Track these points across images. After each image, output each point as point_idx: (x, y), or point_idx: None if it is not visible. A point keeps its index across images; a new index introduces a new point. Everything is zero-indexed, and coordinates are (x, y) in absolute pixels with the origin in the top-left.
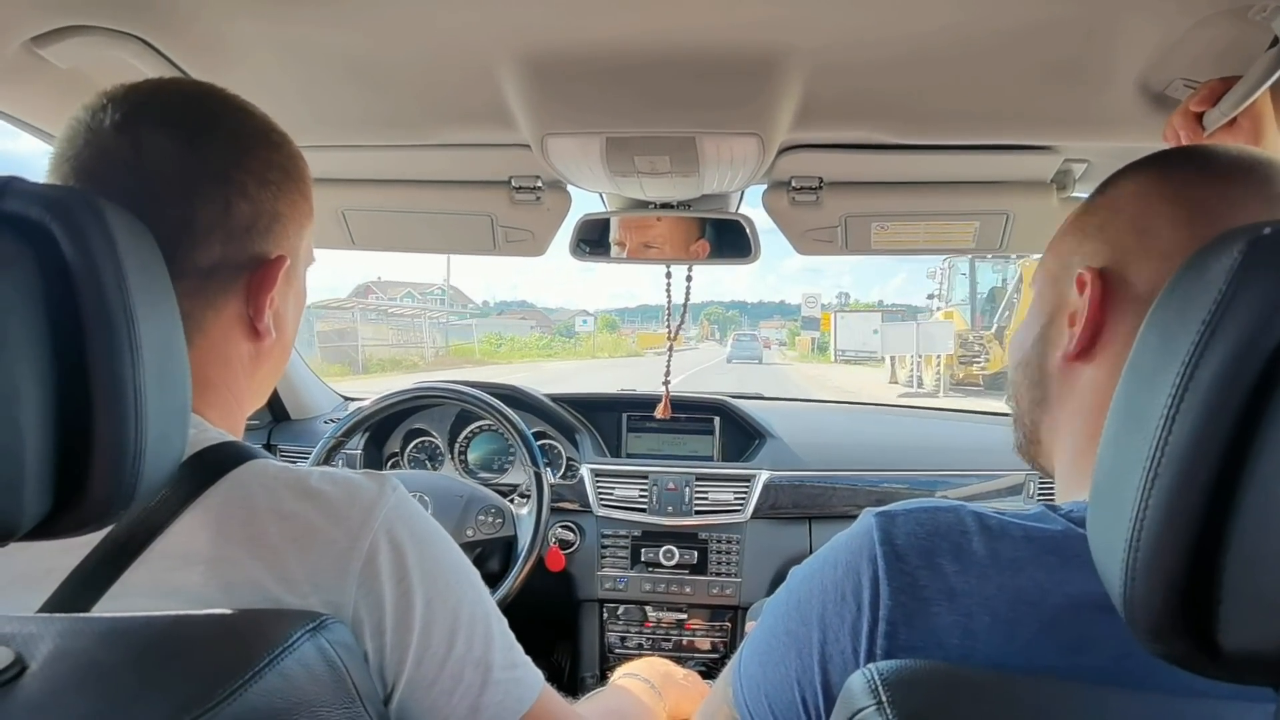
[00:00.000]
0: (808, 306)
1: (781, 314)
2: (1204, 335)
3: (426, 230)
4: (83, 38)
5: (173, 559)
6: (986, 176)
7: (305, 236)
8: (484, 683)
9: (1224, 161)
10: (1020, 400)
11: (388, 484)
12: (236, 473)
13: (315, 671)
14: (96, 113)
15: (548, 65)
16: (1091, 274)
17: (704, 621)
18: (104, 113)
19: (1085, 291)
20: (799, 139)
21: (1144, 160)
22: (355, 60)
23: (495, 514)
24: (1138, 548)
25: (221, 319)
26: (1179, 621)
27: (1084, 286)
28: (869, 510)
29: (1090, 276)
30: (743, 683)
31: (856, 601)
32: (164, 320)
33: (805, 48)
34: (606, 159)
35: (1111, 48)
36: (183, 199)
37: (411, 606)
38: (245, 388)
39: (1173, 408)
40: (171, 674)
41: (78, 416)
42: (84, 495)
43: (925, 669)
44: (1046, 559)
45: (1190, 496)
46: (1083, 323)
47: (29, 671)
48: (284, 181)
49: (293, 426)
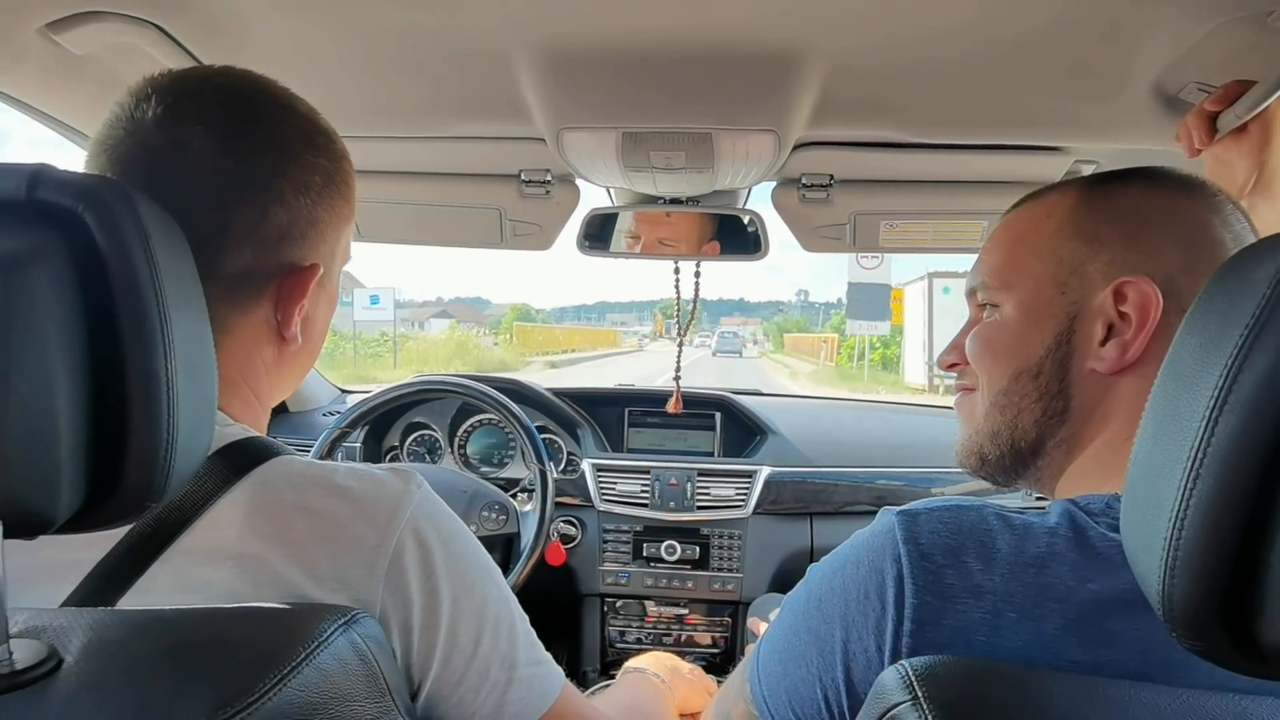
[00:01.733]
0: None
1: (741, 311)
2: (1247, 339)
3: (434, 223)
4: (98, 23)
5: (199, 554)
6: (996, 176)
7: (343, 238)
8: (509, 680)
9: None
10: (1021, 412)
11: (413, 481)
12: (263, 468)
13: (349, 666)
14: (141, 103)
15: (566, 58)
16: (1150, 286)
17: (705, 617)
18: (147, 104)
19: (1140, 302)
20: (813, 136)
21: (1152, 173)
22: (369, 50)
23: (499, 510)
24: (1178, 546)
25: (249, 323)
26: (1216, 617)
27: (1124, 297)
28: (888, 509)
29: (1150, 289)
30: (761, 680)
31: (880, 600)
32: (193, 313)
33: (825, 45)
34: (622, 154)
35: (1129, 50)
36: (219, 204)
37: (439, 604)
38: (267, 388)
39: (1215, 409)
40: (209, 668)
41: (111, 409)
42: (118, 487)
43: (959, 664)
44: (1070, 555)
45: (1233, 496)
46: (1143, 334)
47: (65, 665)
48: (325, 186)
49: (291, 419)
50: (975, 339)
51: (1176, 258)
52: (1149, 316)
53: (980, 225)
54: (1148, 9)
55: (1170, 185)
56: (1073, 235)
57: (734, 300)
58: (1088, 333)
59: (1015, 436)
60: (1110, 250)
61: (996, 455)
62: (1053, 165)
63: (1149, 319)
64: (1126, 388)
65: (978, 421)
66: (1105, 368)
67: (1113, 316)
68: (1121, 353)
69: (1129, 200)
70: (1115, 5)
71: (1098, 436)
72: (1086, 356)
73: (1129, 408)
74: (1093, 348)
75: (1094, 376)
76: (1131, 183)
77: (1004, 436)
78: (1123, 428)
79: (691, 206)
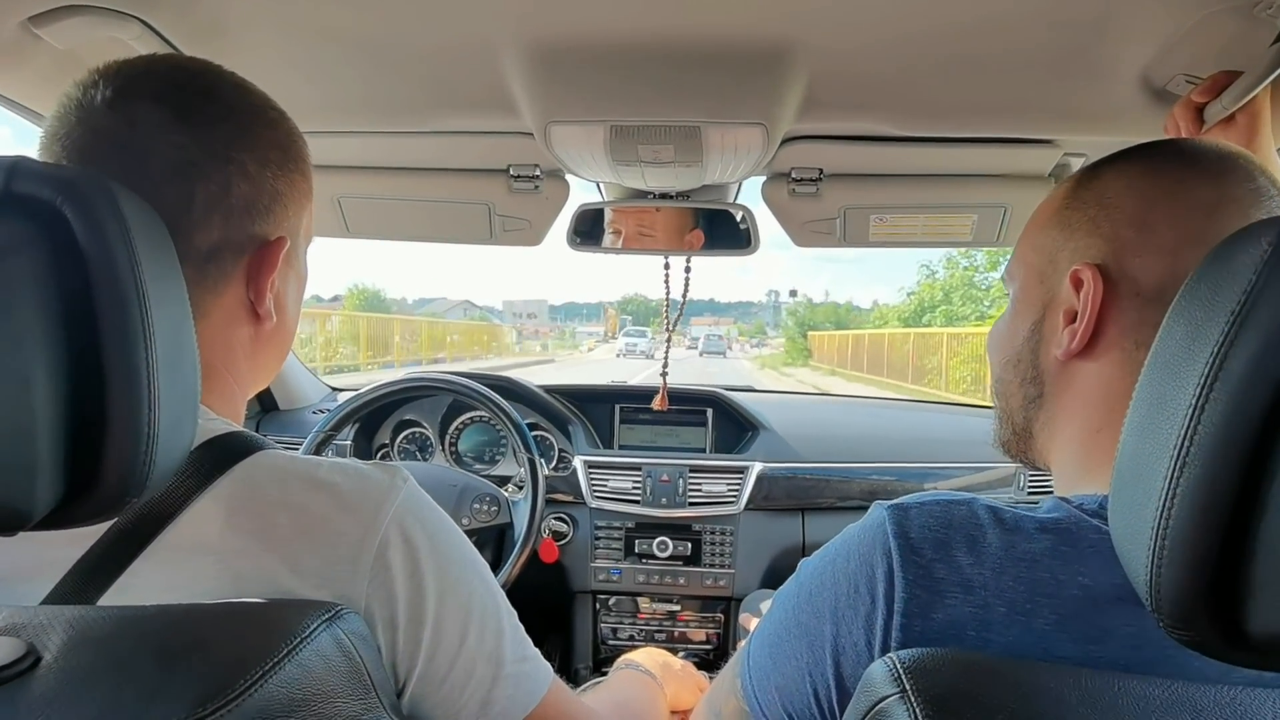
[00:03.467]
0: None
1: (713, 311)
2: (1233, 326)
3: (423, 218)
4: (81, 18)
5: (182, 550)
6: (986, 169)
7: (305, 216)
8: (495, 676)
9: (1211, 157)
10: (1010, 398)
11: (399, 475)
12: (246, 463)
13: (332, 662)
14: (88, 89)
15: (554, 51)
16: (1091, 271)
17: (697, 613)
18: (95, 89)
19: (1084, 288)
20: (802, 130)
21: (1127, 153)
22: (357, 43)
23: (491, 502)
24: (1165, 535)
25: (223, 303)
26: (1205, 608)
27: (1080, 284)
28: (879, 503)
29: (1090, 274)
30: (752, 674)
31: (870, 594)
32: (175, 305)
33: (813, 38)
34: (610, 147)
35: (1116, 42)
36: (180, 177)
37: (424, 600)
38: (246, 373)
39: (1202, 397)
40: (190, 665)
41: (90, 403)
42: (97, 483)
43: (946, 656)
44: (1061, 550)
45: (1219, 485)
46: (1086, 320)
47: (44, 663)
48: (283, 160)
49: (281, 417)
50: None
51: (1130, 237)
52: (1090, 303)
53: (970, 219)
54: (1135, 2)
55: (1147, 160)
56: (1054, 225)
57: (704, 301)
58: (1054, 321)
59: (1013, 420)
60: (1076, 238)
61: (1006, 437)
62: (1042, 158)
63: (1090, 305)
64: (1085, 372)
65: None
66: (1063, 354)
67: (1073, 303)
68: (1071, 339)
69: (1100, 183)
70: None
71: (1072, 423)
72: (1051, 344)
73: (1092, 393)
74: (1056, 335)
75: (1058, 363)
76: (1111, 165)
77: (1005, 420)
78: (1093, 417)
79: (681, 201)
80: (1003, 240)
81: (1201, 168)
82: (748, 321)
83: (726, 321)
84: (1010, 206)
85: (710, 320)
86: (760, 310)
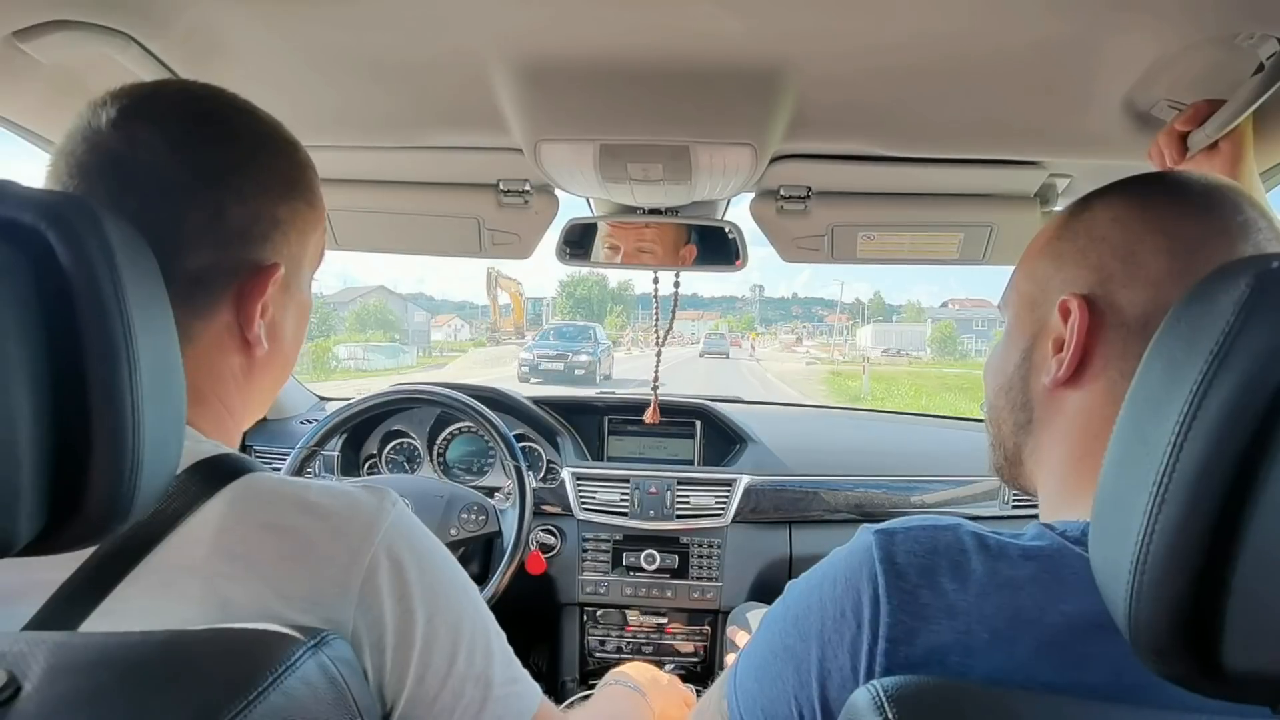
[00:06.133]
0: None
1: (696, 306)
2: (1212, 365)
3: (412, 232)
4: (67, 33)
5: (168, 573)
6: (972, 189)
7: (310, 244)
8: (484, 699)
9: (1198, 190)
10: (1002, 425)
11: (387, 499)
12: (234, 486)
13: (318, 690)
14: (97, 109)
15: (544, 70)
16: (1077, 301)
17: (684, 625)
18: (103, 109)
19: (1070, 318)
20: (790, 149)
21: (1116, 186)
22: (347, 59)
23: (478, 511)
24: (1144, 570)
25: (211, 328)
26: (1182, 642)
27: (1068, 313)
28: (866, 527)
29: (1076, 304)
30: (738, 696)
31: (856, 619)
32: (161, 331)
33: (802, 61)
34: (599, 165)
35: (1100, 67)
36: (171, 201)
37: (413, 624)
38: (238, 401)
39: (1180, 434)
40: (174, 694)
41: (73, 429)
42: (80, 509)
43: (929, 684)
44: (1044, 578)
45: (1197, 521)
46: (1071, 349)
47: (24, 693)
48: (288, 188)
49: (268, 427)
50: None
51: (1116, 269)
52: (1076, 333)
53: (956, 237)
54: (1118, 29)
55: (1135, 193)
56: (1046, 255)
57: (687, 296)
58: (1043, 350)
59: (1004, 446)
60: (1066, 268)
61: (998, 463)
62: (1027, 179)
63: (1076, 335)
64: (1071, 401)
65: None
66: (1051, 383)
67: (1061, 332)
68: (1058, 367)
69: (1090, 215)
70: (1085, 25)
71: (1057, 450)
72: (1040, 372)
73: (1077, 421)
74: (1045, 363)
75: (1046, 391)
76: (1100, 198)
77: (997, 446)
78: (1077, 445)
79: (671, 217)
80: (988, 259)
81: (1189, 201)
82: (736, 317)
83: (712, 316)
84: (996, 225)
85: (694, 314)
86: (745, 305)
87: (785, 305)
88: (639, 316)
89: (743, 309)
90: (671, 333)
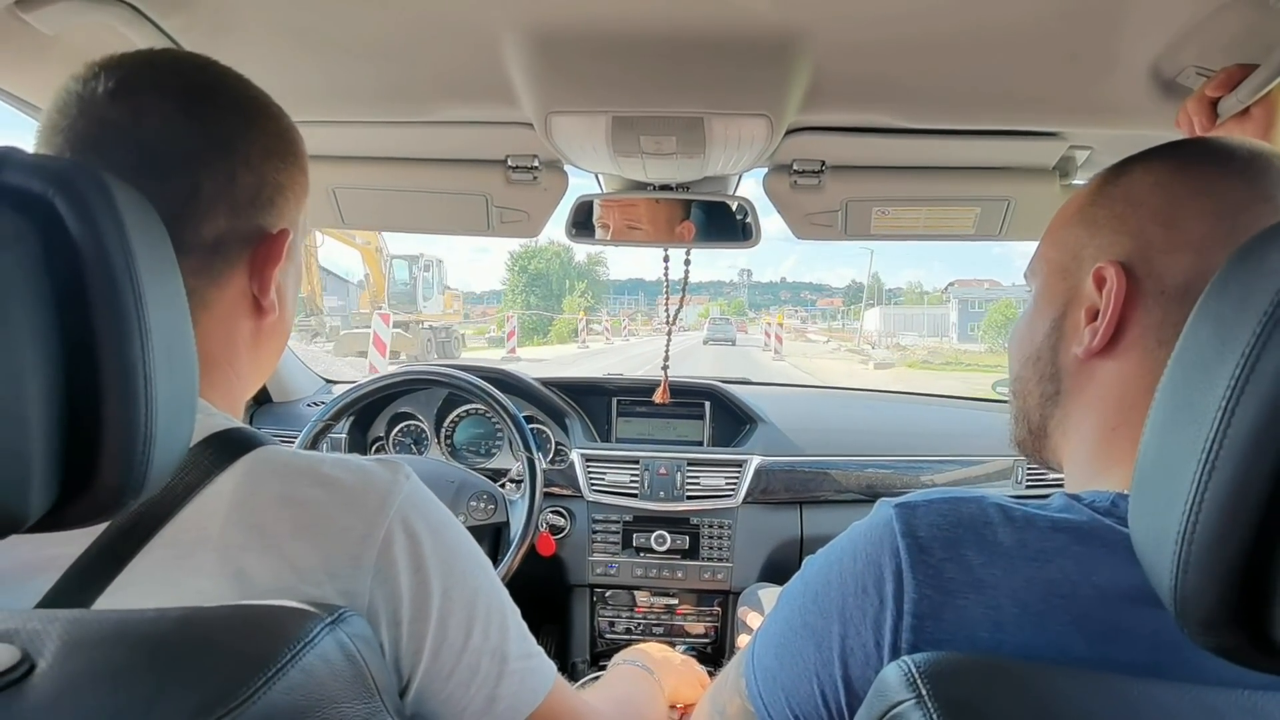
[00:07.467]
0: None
1: (686, 291)
2: (1266, 325)
3: (419, 209)
4: (70, 1)
5: (181, 548)
6: (989, 162)
7: (303, 211)
8: (500, 673)
9: (1242, 154)
10: (1027, 396)
11: (401, 471)
12: (247, 459)
13: (336, 666)
14: (88, 81)
15: (556, 40)
16: (1115, 268)
17: (695, 606)
18: (96, 81)
19: (1106, 286)
20: (805, 121)
21: (1155, 151)
22: (353, 31)
23: (488, 500)
24: (1191, 540)
25: (226, 295)
26: (1232, 614)
27: (1104, 281)
28: (885, 500)
29: (1113, 271)
30: (757, 674)
31: (879, 594)
32: (171, 300)
33: (819, 29)
34: (612, 138)
35: (1126, 34)
36: (186, 168)
37: (429, 597)
38: (248, 367)
39: (1232, 399)
40: (190, 672)
41: (84, 402)
42: (93, 484)
43: (963, 660)
44: (1074, 549)
45: (1250, 489)
46: (1107, 318)
47: (38, 670)
48: (284, 153)
49: (275, 409)
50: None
51: (1157, 235)
52: (1113, 301)
53: (973, 211)
54: None
55: (1176, 158)
56: (1078, 222)
57: (675, 281)
58: (1075, 318)
59: (1029, 419)
60: (1101, 235)
61: (1021, 436)
62: (1046, 151)
63: (1112, 303)
64: (1104, 371)
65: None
66: (1084, 352)
67: (1095, 301)
68: (1092, 336)
69: (1127, 180)
70: None
71: (1087, 421)
72: (1071, 342)
73: (1111, 392)
74: (1077, 333)
75: (1077, 361)
76: (1138, 162)
77: (1021, 419)
78: (1110, 415)
79: (681, 193)
80: (1005, 234)
81: (1233, 167)
82: (726, 301)
83: (701, 300)
84: (1013, 199)
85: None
86: (733, 290)
87: (774, 290)
88: (609, 302)
89: (730, 293)
90: (668, 317)
